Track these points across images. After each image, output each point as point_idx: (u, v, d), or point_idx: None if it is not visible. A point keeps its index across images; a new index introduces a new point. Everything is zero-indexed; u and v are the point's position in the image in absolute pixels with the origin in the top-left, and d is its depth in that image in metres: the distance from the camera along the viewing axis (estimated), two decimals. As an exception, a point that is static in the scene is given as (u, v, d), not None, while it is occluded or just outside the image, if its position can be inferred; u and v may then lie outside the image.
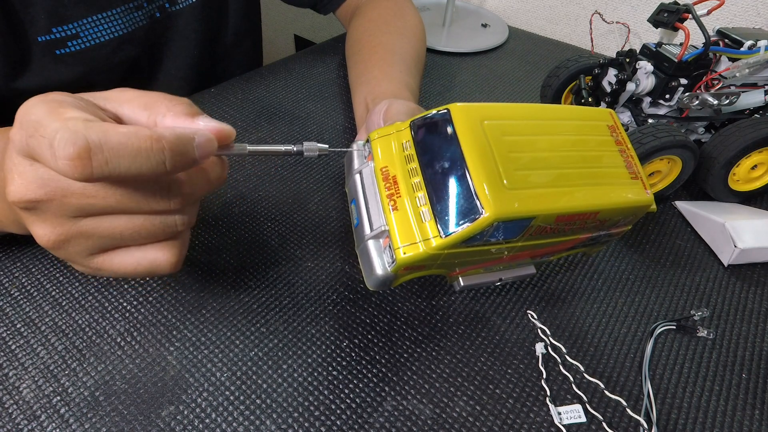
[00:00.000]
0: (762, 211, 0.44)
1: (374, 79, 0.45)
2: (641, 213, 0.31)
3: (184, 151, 0.22)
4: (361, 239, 0.28)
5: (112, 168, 0.20)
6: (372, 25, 0.55)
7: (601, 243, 0.34)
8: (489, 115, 0.28)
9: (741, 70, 0.41)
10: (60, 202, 0.22)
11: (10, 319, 0.32)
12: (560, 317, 0.36)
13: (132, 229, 0.23)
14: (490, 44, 0.71)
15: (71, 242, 0.23)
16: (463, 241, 0.26)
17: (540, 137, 0.29)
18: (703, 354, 0.34)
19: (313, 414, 0.29)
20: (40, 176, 0.21)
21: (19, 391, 0.29)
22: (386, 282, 0.28)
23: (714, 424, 0.30)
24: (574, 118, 0.31)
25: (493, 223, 0.25)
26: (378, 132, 0.31)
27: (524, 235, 0.28)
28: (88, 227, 0.23)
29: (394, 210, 0.27)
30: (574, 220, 0.28)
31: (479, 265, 0.30)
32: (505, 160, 0.27)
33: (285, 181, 0.44)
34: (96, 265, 0.24)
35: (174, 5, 0.51)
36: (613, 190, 0.29)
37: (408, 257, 0.26)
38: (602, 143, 0.31)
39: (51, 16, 0.42)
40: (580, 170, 0.28)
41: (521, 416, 0.30)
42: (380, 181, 0.29)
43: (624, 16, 0.73)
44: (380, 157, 0.30)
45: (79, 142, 0.19)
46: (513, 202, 0.25)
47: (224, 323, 0.33)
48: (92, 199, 0.22)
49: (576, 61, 0.51)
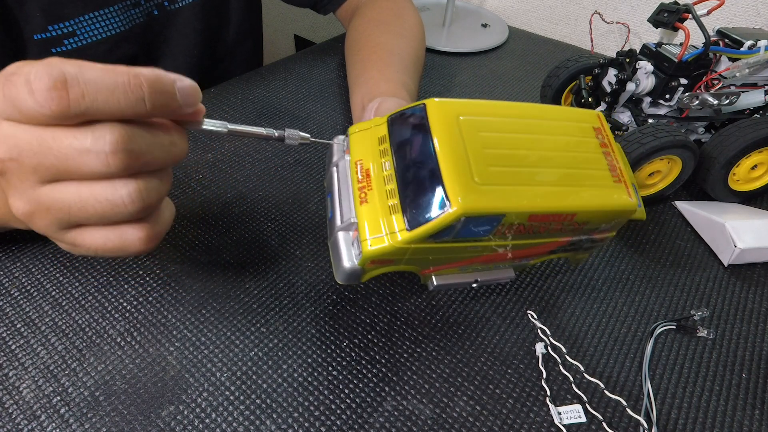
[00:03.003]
0: (762, 211, 0.44)
1: (372, 80, 0.45)
2: (624, 218, 0.30)
3: (163, 90, 0.22)
4: (332, 231, 0.28)
5: (88, 102, 0.20)
6: (371, 26, 0.55)
7: (585, 249, 0.33)
8: (466, 111, 0.28)
9: (741, 70, 0.41)
10: (19, 163, 0.21)
11: (10, 319, 0.32)
12: (560, 317, 0.36)
13: (79, 203, 0.22)
14: (490, 44, 0.71)
15: (37, 214, 0.23)
16: (430, 235, 0.25)
17: (519, 135, 0.28)
18: (703, 354, 0.34)
19: (313, 414, 0.29)
20: (2, 134, 0.21)
21: (19, 391, 0.29)
22: (354, 275, 0.27)
23: (714, 424, 0.30)
24: (559, 118, 0.30)
25: (460, 218, 0.24)
26: (357, 126, 0.30)
27: (496, 233, 0.27)
28: (46, 197, 0.22)
29: (363, 203, 0.27)
30: (549, 220, 0.27)
31: (453, 264, 0.29)
32: (478, 156, 0.26)
33: (285, 181, 0.44)
34: (70, 239, 0.24)
35: (173, 4, 0.51)
36: (592, 192, 0.28)
37: (374, 250, 0.26)
38: (585, 145, 0.30)
39: (47, 13, 0.42)
40: (558, 170, 0.28)
41: (521, 416, 0.30)
42: (354, 174, 0.28)
43: (624, 16, 0.73)
44: (356, 150, 0.29)
45: (54, 73, 0.19)
46: (482, 197, 0.25)
47: (224, 323, 0.33)
48: (43, 158, 0.21)
49: (576, 61, 0.51)
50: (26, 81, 0.20)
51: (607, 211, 0.29)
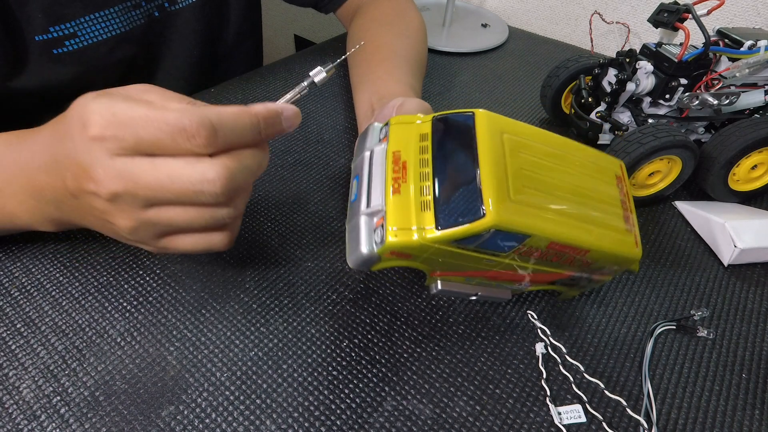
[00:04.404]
0: (762, 211, 0.44)
1: (379, 80, 0.45)
2: (624, 266, 0.32)
3: (274, 121, 0.27)
4: (354, 214, 0.28)
5: (227, 142, 0.25)
6: (374, 25, 0.55)
7: (580, 287, 0.34)
8: (510, 129, 0.29)
9: (741, 70, 0.41)
10: (133, 194, 0.25)
11: (10, 319, 0.32)
12: (560, 317, 0.36)
13: (187, 220, 0.27)
14: (490, 44, 0.71)
15: (141, 228, 0.27)
16: (456, 240, 0.26)
17: (553, 164, 0.29)
18: (703, 354, 0.34)
19: (313, 414, 0.29)
20: (120, 170, 0.24)
21: (19, 391, 0.29)
22: (368, 262, 0.27)
23: (714, 424, 0.30)
24: (588, 158, 0.32)
25: (490, 228, 0.25)
26: (399, 118, 0.31)
27: (516, 252, 0.28)
28: (153, 216, 0.26)
29: (395, 193, 0.27)
30: (565, 251, 0.28)
31: (461, 272, 0.30)
32: (516, 175, 0.27)
33: (285, 181, 0.44)
34: (162, 245, 0.28)
35: (173, 5, 0.51)
36: (608, 235, 0.29)
37: (397, 242, 0.26)
38: (607, 191, 0.31)
39: (48, 15, 0.42)
40: (582, 208, 0.29)
41: (521, 416, 0.30)
42: (389, 163, 0.29)
43: (624, 16, 0.73)
44: (395, 141, 0.29)
45: (206, 124, 0.24)
46: (514, 214, 0.26)
47: (224, 323, 0.33)
48: (156, 192, 0.25)
49: (576, 61, 0.51)
50: (182, 131, 0.24)
51: (616, 255, 0.30)
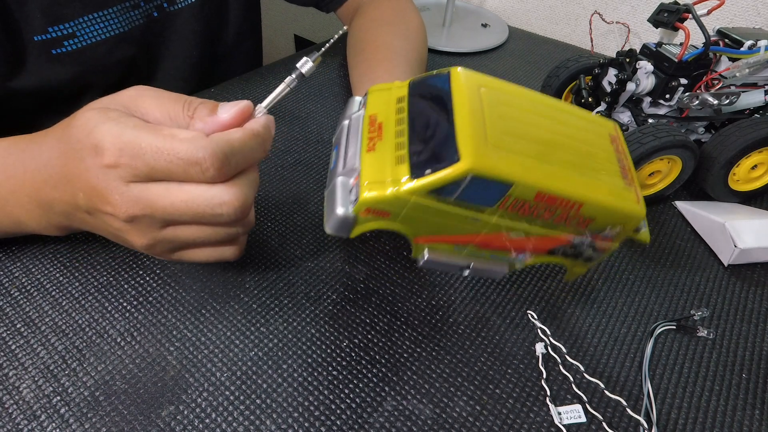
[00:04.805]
0: (762, 211, 0.44)
1: (378, 79, 0.45)
2: (630, 225, 0.29)
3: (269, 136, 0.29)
4: (330, 180, 0.28)
5: (237, 167, 0.27)
6: (375, 25, 0.55)
7: (585, 260, 0.32)
8: (489, 84, 0.28)
9: (741, 70, 0.41)
10: (151, 216, 0.26)
11: (10, 319, 0.32)
12: (560, 317, 0.36)
13: (202, 237, 0.28)
14: (490, 44, 0.71)
15: (157, 245, 0.28)
16: (433, 189, 0.24)
17: (537, 118, 0.28)
18: (703, 354, 0.34)
19: (313, 414, 0.29)
20: (136, 196, 0.26)
21: (19, 391, 0.29)
22: (345, 224, 0.26)
23: (714, 424, 0.30)
24: (578, 115, 0.30)
25: (467, 174, 0.24)
26: (378, 86, 0.30)
27: (500, 205, 0.26)
28: (169, 234, 0.28)
29: (370, 150, 0.27)
30: (556, 204, 0.26)
31: (447, 237, 0.28)
32: (495, 124, 0.25)
33: (285, 181, 0.44)
34: (177, 257, 0.30)
35: (172, 5, 0.51)
36: (604, 187, 0.27)
37: (372, 197, 0.25)
38: (601, 144, 0.29)
39: (47, 15, 0.42)
40: (572, 158, 0.27)
41: (521, 416, 0.30)
42: (366, 126, 0.28)
43: (624, 16, 0.73)
44: (372, 106, 0.29)
45: (218, 155, 0.25)
46: (493, 159, 0.24)
47: (224, 323, 0.33)
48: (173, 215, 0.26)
49: (576, 61, 0.51)
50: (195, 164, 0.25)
51: (615, 210, 0.27)
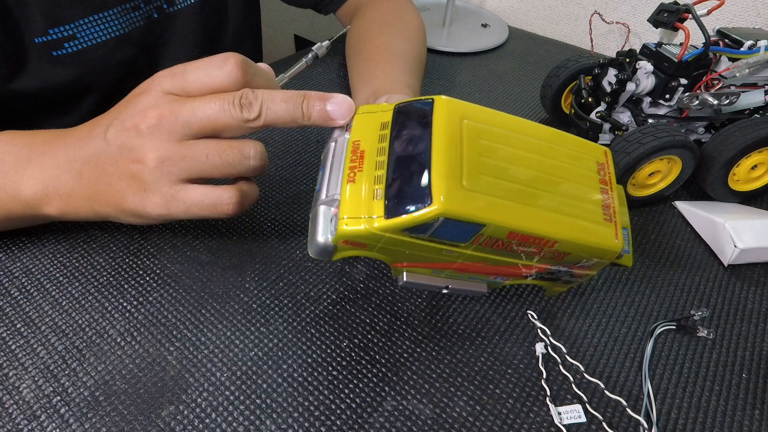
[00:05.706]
0: (762, 211, 0.44)
1: (377, 80, 0.45)
2: (607, 259, 0.30)
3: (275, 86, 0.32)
4: (315, 204, 0.28)
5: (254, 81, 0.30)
6: (374, 26, 0.55)
7: (563, 282, 0.33)
8: (472, 115, 0.28)
9: (741, 70, 0.41)
10: (173, 122, 0.28)
11: (10, 319, 0.32)
12: (560, 317, 0.36)
13: (215, 158, 0.29)
14: (490, 44, 0.71)
15: (169, 162, 0.28)
16: (406, 228, 0.25)
17: (518, 152, 0.28)
18: (703, 354, 0.34)
19: (313, 414, 0.29)
20: (170, 100, 0.29)
21: (19, 391, 0.29)
22: (326, 251, 0.27)
23: (714, 424, 0.30)
24: (564, 145, 0.30)
25: (438, 217, 0.24)
26: (365, 108, 0.30)
27: (474, 242, 0.27)
28: (183, 150, 0.28)
29: (350, 182, 0.27)
30: (529, 242, 0.27)
31: (427, 264, 0.29)
32: (473, 162, 0.26)
33: (285, 182, 0.44)
34: (173, 192, 0.29)
35: (172, 6, 0.51)
36: (579, 224, 0.28)
37: (348, 231, 0.26)
38: (585, 177, 0.30)
39: (47, 17, 0.42)
40: (549, 195, 0.27)
41: (521, 416, 0.30)
42: (349, 153, 0.28)
43: (624, 16, 0.73)
44: (357, 130, 0.29)
45: (241, 58, 0.30)
46: (465, 202, 0.25)
47: (224, 323, 0.33)
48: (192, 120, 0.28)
49: (576, 61, 0.51)
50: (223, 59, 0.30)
51: (590, 247, 0.28)
